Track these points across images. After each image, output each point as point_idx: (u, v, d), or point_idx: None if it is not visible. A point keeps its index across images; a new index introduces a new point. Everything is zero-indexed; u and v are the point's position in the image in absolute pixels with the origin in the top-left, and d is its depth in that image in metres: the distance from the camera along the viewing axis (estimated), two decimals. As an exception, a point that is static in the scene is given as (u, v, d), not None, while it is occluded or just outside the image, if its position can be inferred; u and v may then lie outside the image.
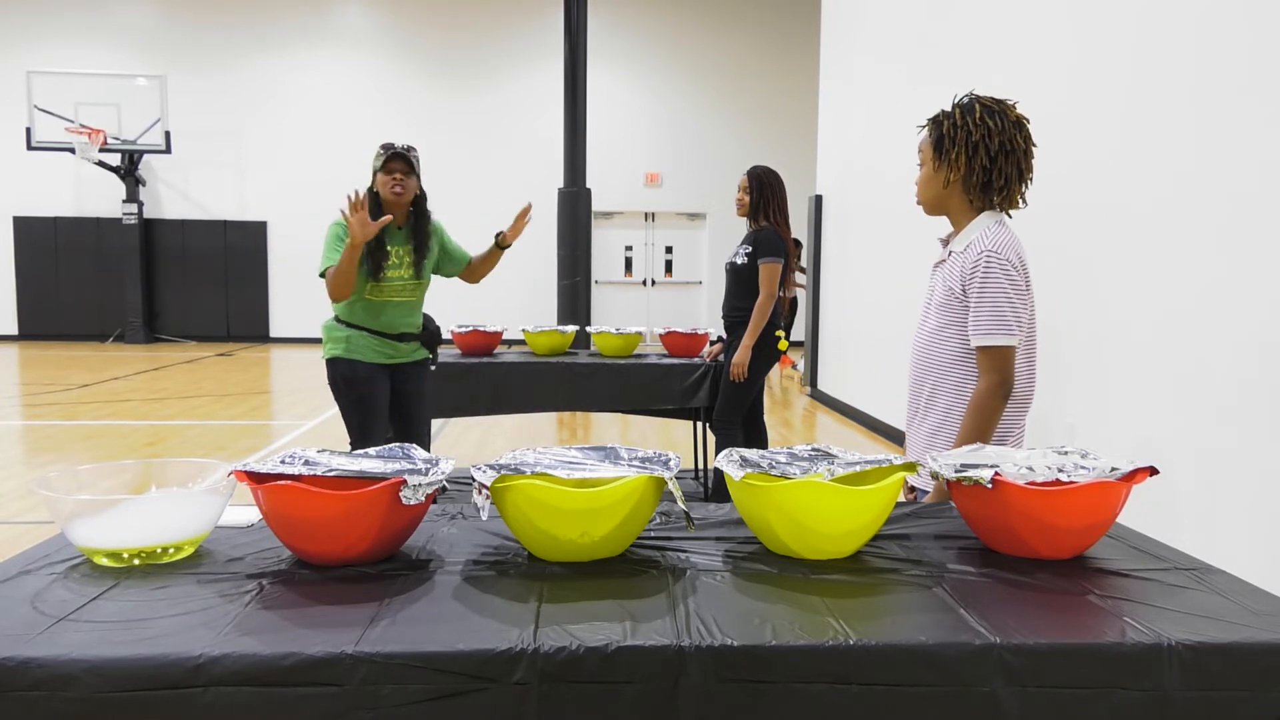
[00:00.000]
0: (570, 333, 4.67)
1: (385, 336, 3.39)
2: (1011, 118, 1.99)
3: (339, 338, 3.37)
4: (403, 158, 3.29)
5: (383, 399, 3.42)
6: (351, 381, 3.36)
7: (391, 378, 3.48)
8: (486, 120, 14.70)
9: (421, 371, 3.58)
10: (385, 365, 3.43)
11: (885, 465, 1.43)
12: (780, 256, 4.12)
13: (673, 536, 1.47)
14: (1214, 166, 3.17)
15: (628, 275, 15.38)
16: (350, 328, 3.37)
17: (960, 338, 2.01)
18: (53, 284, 14.41)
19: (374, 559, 1.33)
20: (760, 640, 1.05)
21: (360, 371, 3.36)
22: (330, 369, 3.39)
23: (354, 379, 3.36)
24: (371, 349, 3.38)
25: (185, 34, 14.32)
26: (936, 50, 5.98)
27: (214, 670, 0.99)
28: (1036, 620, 1.12)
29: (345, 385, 3.37)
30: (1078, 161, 4.09)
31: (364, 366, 3.37)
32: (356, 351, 3.36)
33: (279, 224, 14.65)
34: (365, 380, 3.37)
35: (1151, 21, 3.57)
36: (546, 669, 1.02)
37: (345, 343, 3.36)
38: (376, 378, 3.40)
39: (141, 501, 1.31)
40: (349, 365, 3.36)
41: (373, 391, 3.38)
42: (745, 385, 4.21)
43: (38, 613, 1.11)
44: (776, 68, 15.06)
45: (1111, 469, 1.42)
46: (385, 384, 3.44)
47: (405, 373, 3.51)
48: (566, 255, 10.24)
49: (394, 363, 3.46)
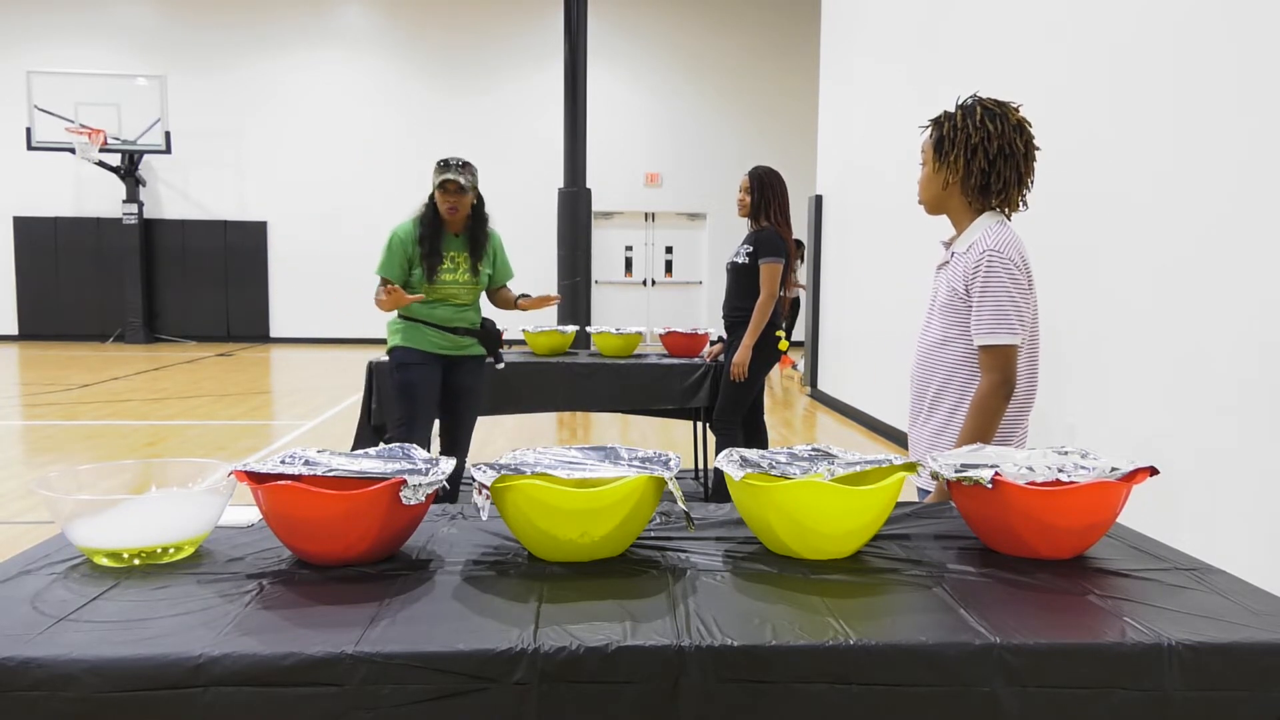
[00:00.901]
0: (570, 333, 4.67)
1: (440, 329, 3.57)
2: (1013, 120, 1.99)
3: (397, 329, 3.58)
4: (454, 180, 3.43)
5: (432, 389, 3.56)
6: (404, 366, 3.52)
7: (445, 371, 3.63)
8: (487, 120, 14.70)
9: (477, 367, 3.72)
10: (439, 356, 3.59)
11: (885, 465, 1.43)
12: (781, 256, 4.11)
13: (673, 536, 1.47)
14: (1216, 167, 3.17)
15: (628, 275, 15.38)
16: (407, 320, 3.56)
17: (965, 339, 2.01)
18: (53, 284, 14.41)
19: (374, 559, 1.33)
20: (760, 640, 1.05)
21: (413, 358, 3.53)
22: (390, 357, 3.59)
23: (406, 364, 3.52)
24: (426, 339, 3.55)
25: (185, 34, 14.32)
26: (937, 50, 5.98)
27: (214, 670, 0.99)
28: (1036, 620, 1.12)
29: (397, 370, 3.54)
30: (1079, 161, 4.09)
31: (417, 353, 3.54)
32: (413, 340, 3.55)
33: (279, 224, 14.65)
34: (417, 366, 3.53)
35: (1154, 20, 3.57)
36: (547, 669, 1.02)
37: (403, 333, 3.56)
38: (429, 365, 3.55)
39: (142, 502, 1.31)
40: (404, 352, 3.54)
41: (423, 379, 3.53)
42: (745, 385, 4.21)
43: (38, 613, 1.11)
44: (777, 67, 15.06)
45: (1111, 469, 1.42)
46: (437, 374, 3.59)
47: (460, 366, 3.67)
48: (566, 255, 10.24)
49: (448, 355, 3.61)
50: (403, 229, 3.51)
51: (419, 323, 3.55)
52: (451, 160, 3.46)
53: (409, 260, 3.49)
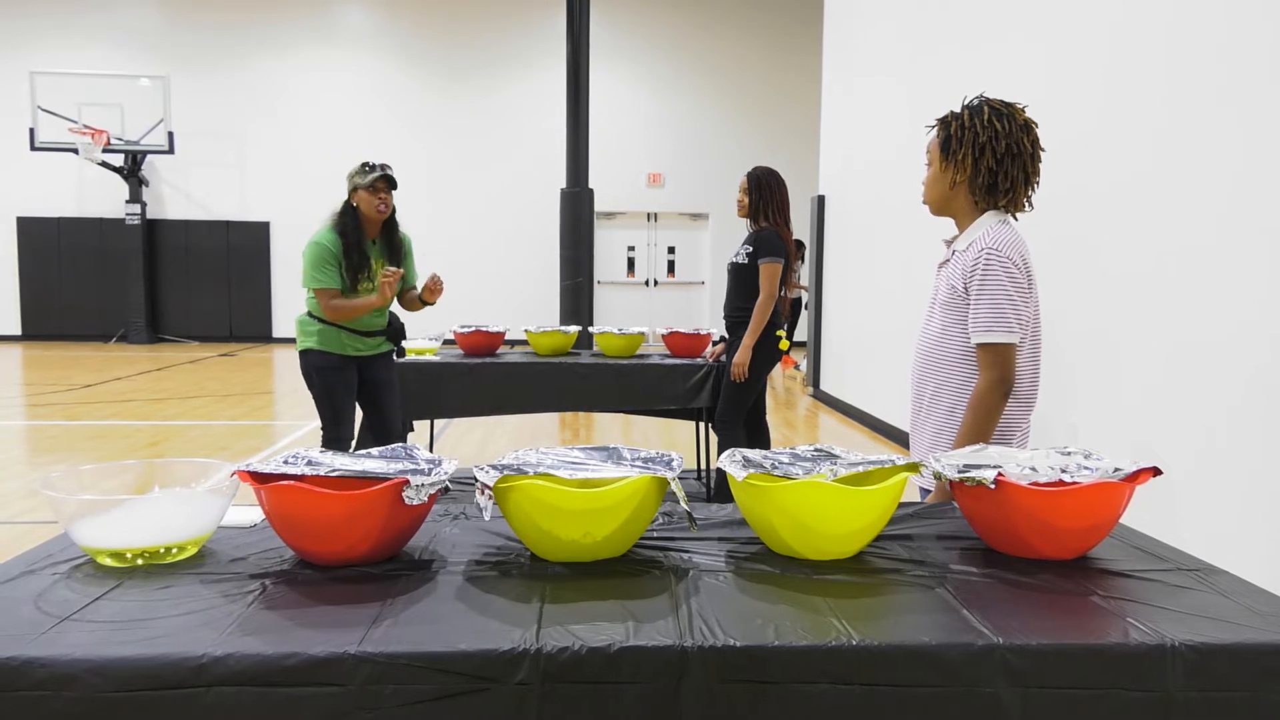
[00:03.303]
0: (573, 333, 4.67)
1: (355, 333, 3.73)
2: (1020, 120, 1.99)
3: (311, 332, 3.70)
4: (389, 178, 3.63)
5: (351, 387, 3.78)
6: (323, 370, 3.70)
7: (360, 369, 3.82)
8: (489, 120, 14.71)
9: (387, 361, 3.93)
10: (353, 358, 3.77)
11: (888, 466, 1.43)
12: (780, 257, 4.11)
13: (675, 537, 1.47)
14: (1219, 168, 3.17)
15: (630, 275, 15.38)
16: (322, 323, 3.69)
17: (964, 337, 2.01)
18: (56, 284, 14.44)
19: (376, 559, 1.33)
20: (763, 641, 1.05)
21: (332, 362, 3.70)
22: (303, 360, 3.73)
23: (325, 368, 3.70)
24: (340, 342, 3.72)
25: (188, 35, 14.34)
26: (938, 50, 5.98)
27: (217, 670, 0.99)
28: (1039, 621, 1.12)
29: (317, 374, 3.70)
30: (1080, 161, 4.08)
31: (334, 358, 3.71)
32: (327, 344, 3.70)
33: (281, 224, 14.66)
34: (335, 370, 3.71)
35: (1153, 21, 3.57)
36: (549, 669, 1.02)
37: (317, 336, 3.69)
38: (345, 368, 3.74)
39: (144, 502, 1.31)
40: (321, 356, 3.70)
41: (342, 380, 3.73)
42: (746, 385, 4.21)
43: (41, 613, 1.11)
44: (779, 68, 15.06)
45: (1115, 469, 1.42)
46: (353, 374, 3.78)
47: (371, 363, 3.85)
48: (569, 255, 10.24)
49: (360, 355, 3.79)
50: (326, 238, 3.59)
51: (336, 327, 3.69)
52: (374, 161, 3.62)
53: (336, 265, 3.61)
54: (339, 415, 3.73)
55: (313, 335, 3.69)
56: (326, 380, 3.69)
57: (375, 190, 3.60)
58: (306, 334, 3.71)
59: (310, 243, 3.60)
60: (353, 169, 3.65)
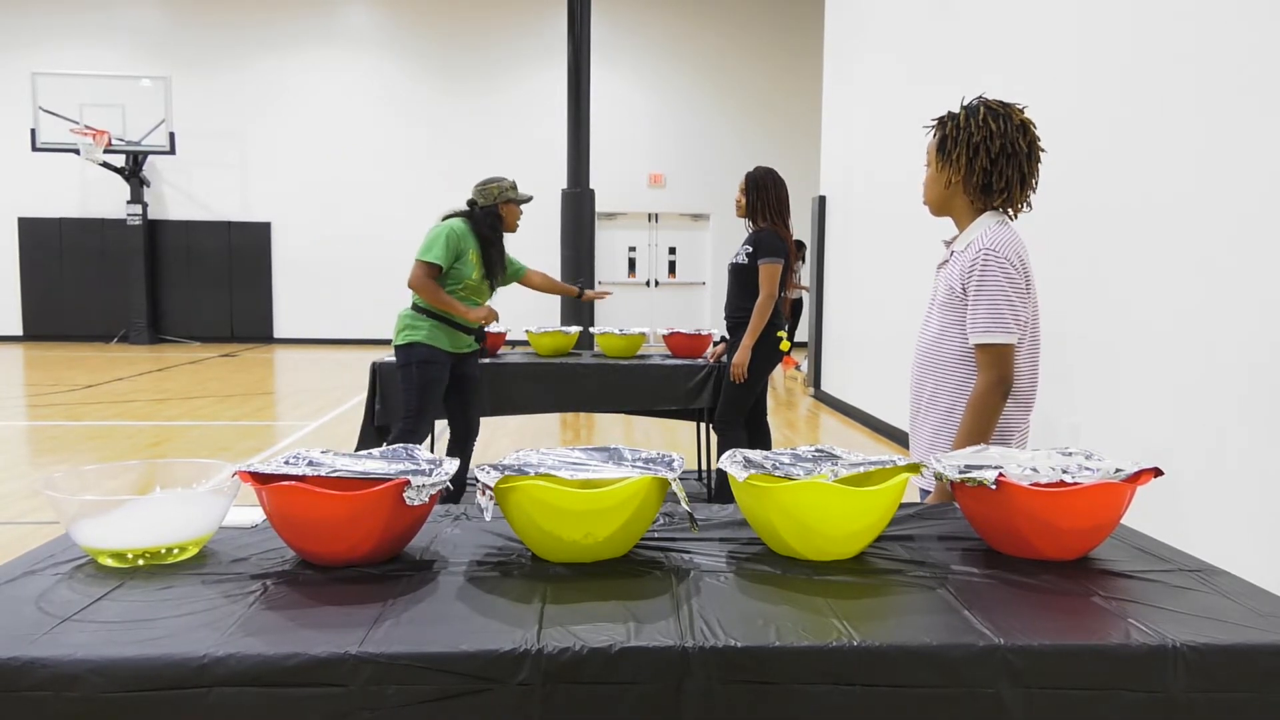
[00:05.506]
0: (574, 333, 4.67)
1: (459, 329, 3.92)
2: (1016, 120, 1.99)
3: (420, 326, 3.86)
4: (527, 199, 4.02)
5: (444, 384, 3.94)
6: (428, 364, 3.84)
7: (452, 365, 3.98)
8: (490, 120, 14.71)
9: (475, 359, 4.15)
10: (452, 354, 3.94)
11: (889, 466, 1.43)
12: (780, 257, 4.11)
13: (676, 537, 1.47)
14: (1220, 168, 3.16)
15: (631, 276, 15.38)
16: (431, 318, 3.86)
17: (962, 337, 2.01)
18: (57, 285, 14.45)
19: (378, 559, 1.33)
20: (764, 641, 1.05)
21: (438, 356, 3.87)
22: (408, 352, 3.85)
23: (431, 362, 3.85)
24: (447, 338, 3.89)
25: (189, 35, 14.35)
26: (940, 50, 5.98)
27: (218, 671, 0.99)
28: (1041, 622, 1.12)
29: (421, 367, 3.84)
30: (1082, 161, 4.08)
31: (440, 353, 3.88)
32: (436, 340, 3.86)
33: (283, 224, 14.67)
34: (440, 365, 3.87)
35: (1154, 21, 3.57)
36: (550, 670, 1.02)
37: (428, 331, 3.85)
38: (446, 364, 3.91)
39: (146, 502, 1.31)
40: (428, 350, 3.85)
41: (441, 376, 3.89)
42: (746, 386, 4.21)
43: (42, 613, 1.11)
44: (780, 68, 15.06)
45: (1116, 470, 1.42)
46: (448, 372, 3.95)
47: (465, 360, 4.06)
48: (570, 256, 10.25)
49: (458, 352, 3.97)
50: (460, 226, 3.86)
51: (449, 324, 3.87)
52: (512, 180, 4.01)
53: (456, 255, 3.82)
54: (425, 409, 3.86)
55: (422, 329, 3.84)
56: (427, 374, 3.83)
57: (516, 205, 3.96)
58: (415, 328, 3.85)
59: (445, 224, 3.84)
60: (492, 180, 3.95)
